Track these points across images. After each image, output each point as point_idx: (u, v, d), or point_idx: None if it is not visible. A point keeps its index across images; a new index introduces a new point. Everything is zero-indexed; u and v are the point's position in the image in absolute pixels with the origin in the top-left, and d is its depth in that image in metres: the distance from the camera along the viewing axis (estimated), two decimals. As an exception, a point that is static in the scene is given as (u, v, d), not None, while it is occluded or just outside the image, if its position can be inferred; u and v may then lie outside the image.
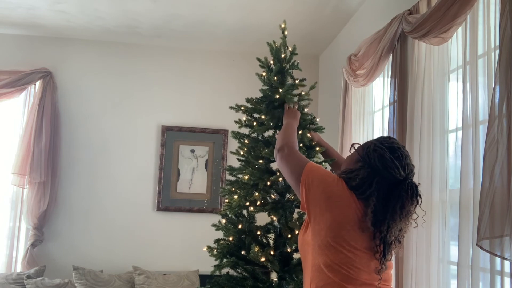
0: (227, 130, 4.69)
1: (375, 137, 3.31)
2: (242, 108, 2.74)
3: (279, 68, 2.69)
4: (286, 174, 1.85)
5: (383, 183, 1.63)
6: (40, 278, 4.00)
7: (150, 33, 4.52)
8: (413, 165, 1.71)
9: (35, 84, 4.56)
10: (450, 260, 2.33)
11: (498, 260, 1.84)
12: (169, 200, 4.69)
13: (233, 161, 2.94)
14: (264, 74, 2.76)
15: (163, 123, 4.77)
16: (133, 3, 3.86)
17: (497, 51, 1.87)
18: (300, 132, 2.48)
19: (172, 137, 4.75)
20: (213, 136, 4.79)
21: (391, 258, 1.68)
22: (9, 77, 4.44)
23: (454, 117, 2.32)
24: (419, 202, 1.66)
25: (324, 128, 2.74)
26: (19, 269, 4.33)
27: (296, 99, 2.60)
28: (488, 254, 1.84)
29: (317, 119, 2.69)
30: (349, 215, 1.62)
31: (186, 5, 3.87)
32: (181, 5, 3.86)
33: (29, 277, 3.97)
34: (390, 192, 1.62)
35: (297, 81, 2.71)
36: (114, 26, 4.36)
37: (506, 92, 1.75)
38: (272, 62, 2.76)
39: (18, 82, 4.44)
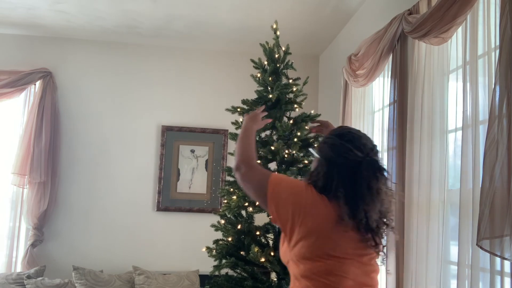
0: (227, 130, 4.69)
1: (375, 137, 3.35)
2: (239, 109, 2.76)
3: (274, 69, 2.71)
4: (251, 193, 1.73)
5: (344, 171, 1.58)
6: (40, 278, 4.00)
7: (150, 33, 4.52)
8: (373, 144, 1.66)
9: (35, 84, 4.56)
10: (450, 260, 2.33)
11: (498, 260, 1.83)
12: (169, 200, 4.69)
13: (233, 161, 2.95)
14: (259, 75, 2.77)
15: (163, 123, 4.77)
16: (133, 3, 3.86)
17: (497, 51, 1.87)
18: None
19: (172, 137, 4.75)
20: (213, 136, 4.79)
21: (382, 249, 1.62)
22: (9, 77, 4.44)
23: (454, 117, 2.32)
24: (386, 175, 1.60)
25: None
26: (19, 269, 4.33)
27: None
28: (488, 254, 1.84)
29: (317, 113, 2.72)
30: (323, 222, 1.55)
31: (186, 5, 3.87)
32: (181, 5, 3.86)
33: (29, 277, 3.97)
34: (354, 178, 1.56)
35: (290, 81, 2.73)
36: (114, 26, 4.36)
37: (506, 92, 1.75)
38: (266, 63, 2.78)
39: (18, 82, 4.44)
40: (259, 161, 2.66)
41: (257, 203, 2.51)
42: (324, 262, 1.54)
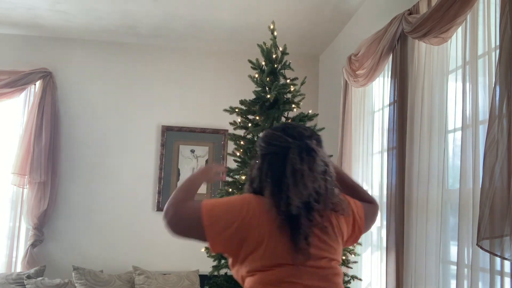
0: (227, 130, 4.69)
1: (375, 137, 3.35)
2: (237, 110, 2.77)
3: (271, 69, 2.71)
4: (186, 233, 1.48)
5: (274, 159, 1.51)
6: (40, 278, 4.00)
7: (150, 33, 4.52)
8: (313, 134, 1.57)
9: (35, 84, 4.56)
10: (450, 260, 2.33)
11: (498, 260, 1.83)
12: (169, 200, 4.68)
13: (233, 161, 2.95)
14: (256, 75, 2.78)
15: (163, 123, 4.77)
16: (133, 3, 3.86)
17: (497, 51, 1.87)
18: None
19: (172, 137, 4.75)
20: (213, 136, 4.79)
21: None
22: (9, 77, 4.44)
23: (454, 117, 2.32)
24: (315, 156, 1.49)
25: (324, 128, 2.76)
26: (19, 269, 4.33)
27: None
28: (488, 254, 1.84)
29: (315, 113, 2.72)
30: (268, 230, 1.45)
31: (186, 5, 3.87)
32: (181, 5, 3.86)
33: (29, 277, 3.97)
34: (283, 165, 1.48)
35: (288, 81, 2.74)
36: (114, 26, 4.36)
37: (506, 92, 1.75)
38: (263, 63, 2.79)
39: (18, 82, 4.44)
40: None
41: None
42: (274, 270, 1.44)
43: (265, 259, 1.45)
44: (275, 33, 2.81)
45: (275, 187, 1.48)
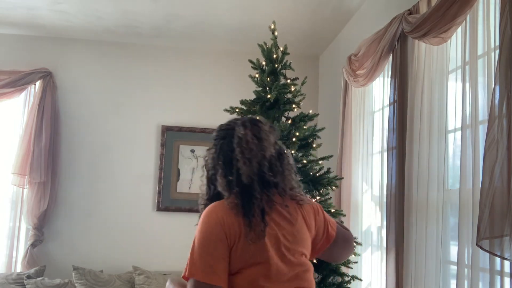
0: (227, 130, 4.68)
1: (375, 137, 3.35)
2: (237, 110, 2.77)
3: (272, 69, 2.72)
4: None
5: (224, 144, 1.55)
6: (40, 278, 4.00)
7: (150, 33, 4.52)
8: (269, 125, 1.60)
9: (35, 84, 4.56)
10: (450, 260, 2.33)
11: (498, 260, 1.83)
12: (169, 200, 4.68)
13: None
14: (257, 75, 2.78)
15: (163, 123, 4.77)
16: (133, 3, 3.86)
17: (497, 51, 1.87)
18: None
19: (172, 137, 4.75)
20: (213, 136, 4.78)
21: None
22: (9, 77, 4.44)
23: (454, 117, 2.32)
24: (258, 125, 1.53)
25: (324, 128, 2.76)
26: (19, 269, 4.33)
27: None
28: (487, 254, 1.84)
29: (315, 113, 2.72)
30: (237, 232, 1.42)
31: (186, 5, 3.87)
32: (181, 5, 3.86)
33: (29, 277, 3.97)
34: (233, 144, 1.52)
35: (289, 81, 2.74)
36: (114, 26, 4.36)
37: (506, 92, 1.75)
38: (264, 63, 2.79)
39: (18, 82, 4.44)
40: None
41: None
42: (247, 271, 1.43)
43: (240, 261, 1.43)
44: (276, 33, 2.81)
45: (226, 166, 1.50)
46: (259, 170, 1.47)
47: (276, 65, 2.76)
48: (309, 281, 1.50)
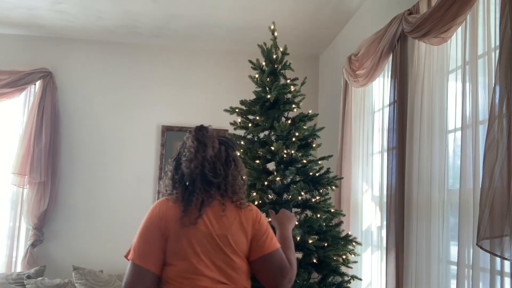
0: (227, 130, 4.69)
1: (375, 137, 3.35)
2: (237, 110, 2.77)
3: (271, 69, 2.72)
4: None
5: (179, 153, 1.74)
6: (40, 278, 4.00)
7: (150, 33, 4.52)
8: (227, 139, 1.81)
9: (35, 84, 4.56)
10: (450, 260, 2.33)
11: (498, 260, 1.84)
12: (169, 200, 4.68)
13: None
14: (257, 75, 2.78)
15: (163, 123, 4.77)
16: (133, 3, 3.86)
17: (497, 51, 1.87)
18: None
19: (172, 137, 4.75)
20: (213, 136, 4.78)
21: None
22: (9, 77, 4.44)
23: (454, 117, 2.32)
24: (204, 133, 1.71)
25: (324, 127, 2.76)
26: (19, 269, 4.33)
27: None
28: (488, 254, 1.84)
29: (315, 113, 2.73)
30: (171, 224, 1.62)
31: (186, 5, 3.87)
32: (181, 5, 3.86)
33: (29, 277, 3.97)
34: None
35: (288, 81, 2.74)
36: (114, 26, 4.36)
37: (506, 92, 1.75)
38: (264, 63, 2.79)
39: (18, 82, 4.44)
40: (258, 161, 2.66)
41: (256, 203, 2.51)
42: (176, 264, 1.59)
43: (170, 253, 1.61)
44: (276, 34, 2.81)
45: (175, 168, 1.68)
46: (201, 171, 1.63)
47: (276, 66, 2.76)
48: (238, 282, 1.60)
